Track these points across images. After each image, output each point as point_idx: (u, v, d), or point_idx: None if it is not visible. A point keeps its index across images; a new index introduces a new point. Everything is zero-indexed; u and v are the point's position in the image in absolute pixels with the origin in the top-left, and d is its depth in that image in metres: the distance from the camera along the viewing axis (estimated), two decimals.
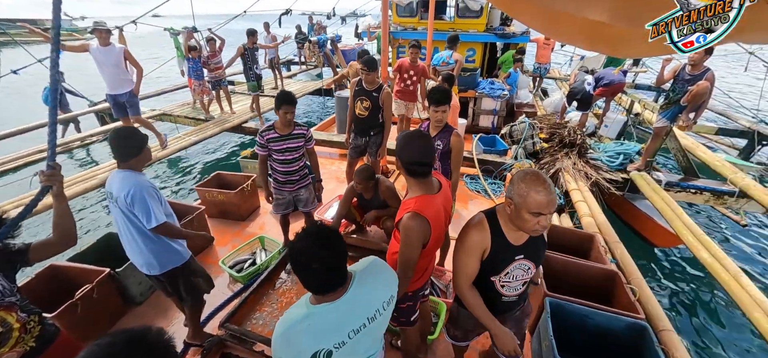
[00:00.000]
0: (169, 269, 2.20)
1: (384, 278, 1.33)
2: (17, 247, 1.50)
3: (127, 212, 1.99)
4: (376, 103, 3.76)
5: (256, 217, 4.21)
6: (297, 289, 2.99)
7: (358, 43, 14.98)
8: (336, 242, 1.15)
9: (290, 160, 2.94)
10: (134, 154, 1.97)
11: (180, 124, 7.22)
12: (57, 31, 1.28)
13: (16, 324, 1.49)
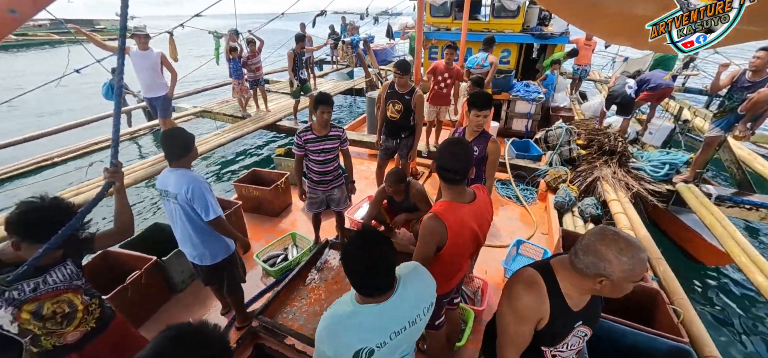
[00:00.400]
0: (219, 260, 2.37)
1: (426, 285, 1.38)
2: (84, 236, 1.66)
3: (186, 207, 2.13)
4: (408, 106, 3.77)
5: (289, 213, 4.35)
6: (325, 287, 3.07)
7: (389, 43, 15.05)
8: (387, 249, 1.21)
9: (326, 160, 3.03)
10: (184, 153, 2.12)
11: (219, 120, 7.59)
12: (122, 40, 1.39)
13: (81, 306, 1.65)
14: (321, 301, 2.92)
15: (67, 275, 1.59)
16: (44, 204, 1.44)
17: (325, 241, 3.40)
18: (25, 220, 1.39)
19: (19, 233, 1.38)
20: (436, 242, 1.59)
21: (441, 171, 1.61)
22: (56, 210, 1.45)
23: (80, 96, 12.66)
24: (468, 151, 1.61)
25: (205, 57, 7.14)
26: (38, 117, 10.59)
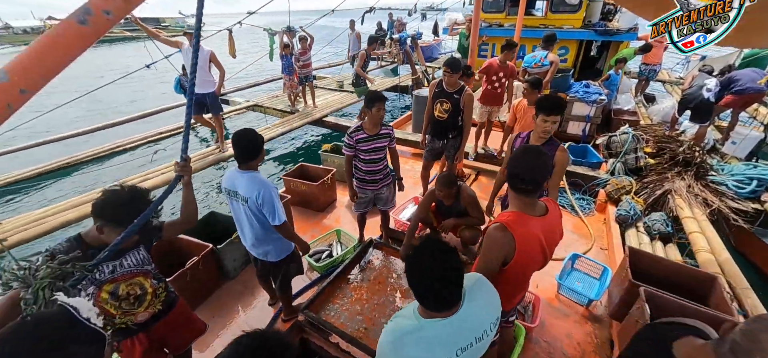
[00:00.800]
0: (282, 258, 2.47)
1: (492, 299, 1.31)
2: (155, 224, 1.77)
3: (255, 211, 2.20)
4: (456, 105, 3.63)
5: (333, 209, 4.40)
6: (367, 286, 3.04)
7: (436, 39, 14.76)
8: (457, 260, 1.15)
9: (376, 159, 3.01)
10: (254, 155, 2.17)
11: (269, 115, 7.90)
12: (197, 40, 1.43)
13: (150, 289, 1.76)
14: (362, 301, 2.90)
15: (140, 260, 1.70)
16: (124, 192, 1.55)
17: (369, 240, 3.37)
18: (107, 205, 1.49)
19: (102, 216, 1.49)
20: (503, 256, 1.48)
21: (514, 180, 1.49)
22: (134, 198, 1.55)
23: (150, 88, 13.87)
24: (546, 162, 1.49)
25: (258, 53, 7.45)
26: (114, 107, 11.74)
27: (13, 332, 0.76)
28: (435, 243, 1.18)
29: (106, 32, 0.95)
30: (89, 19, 0.88)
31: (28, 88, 0.80)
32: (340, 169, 4.56)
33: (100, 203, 1.49)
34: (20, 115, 1.28)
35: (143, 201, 1.56)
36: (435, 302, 1.16)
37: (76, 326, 0.82)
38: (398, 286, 3.01)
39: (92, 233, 1.54)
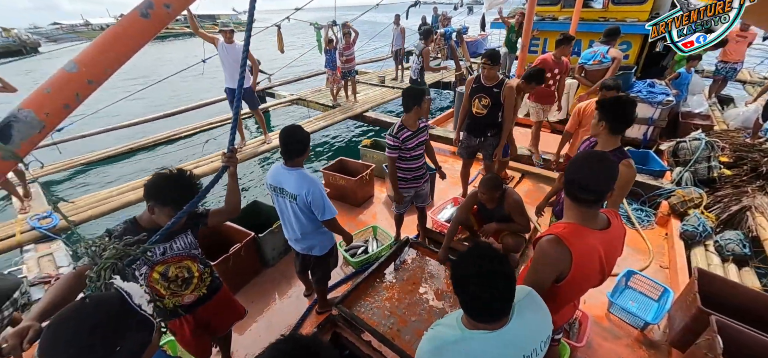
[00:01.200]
0: (325, 253, 2.51)
1: (543, 315, 1.21)
2: (201, 211, 1.85)
3: (303, 208, 2.23)
4: (496, 99, 3.46)
5: (370, 205, 4.40)
6: (401, 286, 2.99)
7: (481, 34, 14.25)
8: (509, 270, 1.07)
9: (419, 155, 2.98)
10: (302, 152, 2.20)
11: (311, 109, 8.09)
12: (248, 34, 1.45)
13: (196, 273, 1.85)
14: (395, 300, 2.87)
15: (187, 244, 1.79)
16: (172, 174, 1.64)
17: (405, 239, 3.33)
18: (155, 186, 1.59)
19: (152, 197, 1.58)
20: (557, 272, 1.35)
21: (573, 188, 1.34)
22: (179, 180, 1.63)
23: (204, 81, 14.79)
24: (611, 169, 1.33)
25: (304, 47, 7.63)
26: (171, 98, 12.68)
27: (74, 311, 0.81)
28: (485, 249, 1.10)
29: (166, 25, 0.97)
30: (151, 12, 0.91)
31: (94, 79, 0.84)
32: (380, 165, 4.54)
33: (150, 184, 1.59)
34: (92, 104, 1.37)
35: (188, 183, 1.63)
36: (482, 312, 1.09)
37: (129, 313, 0.85)
38: (433, 288, 2.93)
39: (145, 216, 1.65)
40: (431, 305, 2.79)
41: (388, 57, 11.37)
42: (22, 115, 0.76)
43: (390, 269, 3.19)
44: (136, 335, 0.84)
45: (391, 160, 2.95)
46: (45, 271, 3.25)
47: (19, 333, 1.12)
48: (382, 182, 4.70)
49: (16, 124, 0.75)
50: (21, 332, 1.12)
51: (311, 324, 2.85)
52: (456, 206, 3.87)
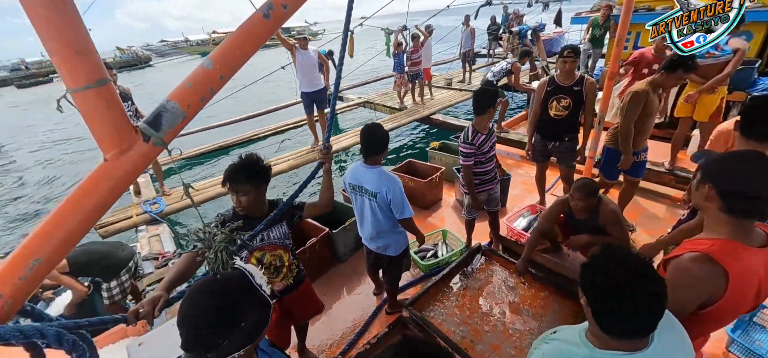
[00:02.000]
0: (399, 253, 2.52)
1: (685, 344, 1.03)
2: (297, 203, 1.94)
3: (383, 206, 2.26)
4: (578, 98, 3.16)
5: (438, 209, 4.32)
6: (474, 295, 2.86)
7: (557, 31, 13.23)
8: (658, 282, 0.92)
9: (492, 157, 2.87)
10: (381, 150, 2.23)
11: (378, 111, 8.25)
12: (345, 37, 1.50)
13: (287, 262, 1.97)
14: (468, 309, 2.75)
15: (282, 234, 1.90)
16: (243, 160, 1.75)
17: (477, 245, 3.18)
18: (232, 171, 1.72)
19: (227, 179, 1.72)
20: (704, 295, 1.14)
21: (734, 198, 1.10)
22: (250, 163, 1.73)
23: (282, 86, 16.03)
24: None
25: (372, 51, 7.83)
26: (256, 101, 13.92)
27: (205, 284, 0.89)
28: (627, 254, 0.95)
29: (282, 24, 1.03)
30: (271, 13, 0.97)
31: (225, 75, 0.92)
32: (449, 168, 4.44)
33: (227, 171, 1.72)
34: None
35: (257, 165, 1.73)
36: (620, 329, 0.93)
37: (252, 291, 0.92)
38: (508, 300, 2.75)
39: (236, 205, 1.79)
40: (507, 319, 2.62)
41: (454, 59, 11.15)
42: (170, 106, 0.86)
43: (461, 276, 3.08)
44: (256, 312, 0.89)
45: (467, 168, 2.84)
46: (155, 249, 3.76)
47: (153, 301, 1.29)
48: (451, 185, 4.58)
49: (165, 114, 0.85)
50: (154, 300, 1.29)
51: (380, 324, 2.87)
52: (533, 214, 3.60)
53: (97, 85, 0.73)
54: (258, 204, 1.79)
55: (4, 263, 0.74)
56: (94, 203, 0.79)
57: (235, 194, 1.72)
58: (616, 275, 0.91)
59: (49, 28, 0.68)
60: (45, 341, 0.76)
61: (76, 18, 0.70)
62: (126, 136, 0.80)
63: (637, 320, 0.90)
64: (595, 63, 7.10)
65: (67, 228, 0.77)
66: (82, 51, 0.71)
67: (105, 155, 0.79)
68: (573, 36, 12.95)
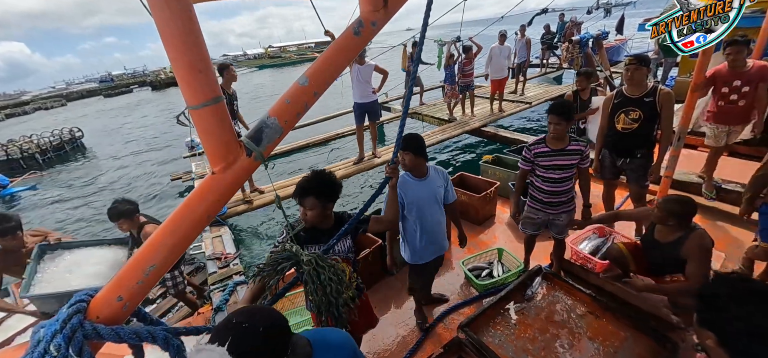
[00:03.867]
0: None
1: None
2: (363, 217, 1.92)
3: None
4: (650, 111, 2.88)
5: (491, 225, 4.14)
6: (534, 320, 2.67)
7: (620, 38, 12.33)
8: None
9: (557, 179, 2.59)
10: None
11: (426, 123, 8.20)
12: (420, 48, 1.49)
13: (349, 275, 1.95)
14: (529, 336, 2.58)
15: (347, 247, 1.93)
16: (313, 176, 1.79)
17: (537, 267, 2.99)
18: (301, 186, 1.77)
19: (297, 194, 1.78)
20: None
21: None
22: (320, 180, 1.78)
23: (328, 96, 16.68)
24: None
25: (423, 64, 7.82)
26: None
27: (251, 313, 0.86)
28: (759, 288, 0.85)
29: (369, 41, 1.03)
30: (361, 30, 0.98)
31: (318, 90, 0.94)
32: (504, 182, 4.26)
33: (299, 183, 1.78)
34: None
35: (327, 181, 1.78)
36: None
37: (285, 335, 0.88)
38: (573, 330, 2.54)
39: (302, 217, 1.84)
40: (573, 350, 2.41)
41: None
42: (270, 122, 0.89)
43: (519, 300, 2.90)
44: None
45: (520, 173, 2.75)
46: (217, 250, 4.00)
47: None
48: (506, 200, 4.38)
49: (266, 129, 0.88)
50: None
51: (432, 345, 2.77)
52: (601, 237, 3.31)
53: (213, 102, 0.77)
54: (324, 218, 1.84)
55: (124, 268, 0.80)
56: (201, 213, 0.83)
57: (303, 207, 1.78)
58: (751, 304, 0.81)
59: (176, 49, 0.73)
60: (154, 343, 0.80)
61: (200, 39, 0.74)
62: (233, 151, 0.84)
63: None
64: (668, 73, 6.48)
65: (179, 236, 0.82)
66: (203, 70, 0.75)
67: (213, 169, 0.83)
68: (638, 44, 12.01)
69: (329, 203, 1.81)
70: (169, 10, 0.70)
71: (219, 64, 4.71)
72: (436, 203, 2.41)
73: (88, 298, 0.76)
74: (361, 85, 5.50)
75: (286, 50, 56.56)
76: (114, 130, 18.93)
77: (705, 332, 0.89)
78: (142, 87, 47.74)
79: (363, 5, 1.00)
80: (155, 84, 42.36)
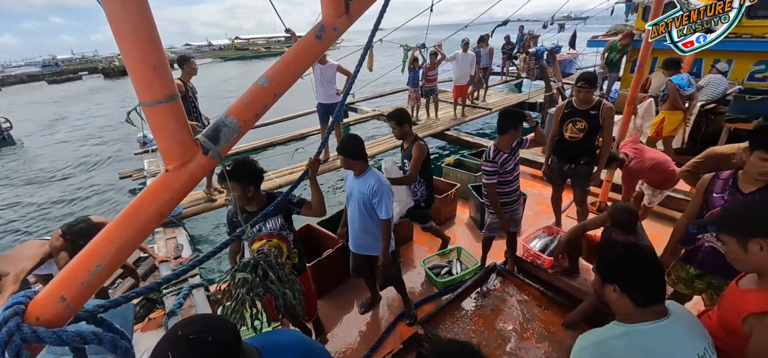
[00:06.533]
0: None
1: (699, 324, 1.21)
2: (297, 199, 2.18)
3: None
4: (594, 123, 3.17)
5: (452, 225, 4.31)
6: (487, 316, 2.82)
7: (572, 52, 13.27)
8: (655, 258, 1.19)
9: (516, 176, 2.88)
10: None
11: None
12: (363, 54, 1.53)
13: (286, 251, 2.16)
14: (482, 331, 2.72)
15: (278, 226, 2.14)
16: (232, 163, 2.00)
17: (492, 265, 3.16)
18: (221, 173, 1.95)
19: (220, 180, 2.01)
20: None
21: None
22: (237, 165, 1.98)
23: (297, 94, 16.30)
24: None
25: (389, 66, 7.93)
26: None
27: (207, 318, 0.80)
28: (631, 244, 1.21)
29: (330, 47, 1.07)
30: (323, 34, 1.00)
31: (278, 92, 0.96)
32: (464, 184, 4.44)
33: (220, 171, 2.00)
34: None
35: (250, 167, 1.99)
36: (648, 291, 1.11)
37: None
38: (524, 324, 2.72)
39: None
40: (523, 342, 2.58)
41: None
42: (228, 121, 0.89)
43: (476, 295, 3.05)
44: None
45: (490, 187, 2.85)
46: (170, 251, 3.80)
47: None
48: (465, 201, 4.57)
49: (223, 128, 0.88)
50: None
51: (393, 341, 2.84)
52: (550, 236, 3.57)
53: (167, 100, 0.77)
54: (250, 200, 2.03)
55: (69, 267, 0.77)
56: (153, 212, 0.82)
57: (234, 190, 1.95)
58: (631, 255, 1.14)
59: (128, 43, 0.72)
60: (100, 345, 0.77)
61: (154, 35, 0.74)
62: (188, 149, 0.83)
63: (655, 284, 1.11)
64: (611, 86, 7.09)
65: (128, 235, 0.80)
66: (158, 67, 0.74)
67: (167, 166, 0.82)
68: (587, 58, 12.98)
69: (249, 187, 2.00)
70: (121, 1, 0.69)
71: (179, 56, 4.48)
72: (357, 204, 2.46)
73: (27, 299, 0.72)
74: (325, 85, 5.46)
75: (254, 42, 54.36)
76: (56, 122, 17.13)
77: (608, 286, 1.15)
78: (92, 74, 42.87)
79: (325, 10, 1.03)
80: (108, 71, 38.16)
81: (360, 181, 2.42)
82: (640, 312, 1.11)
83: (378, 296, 3.18)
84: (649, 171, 3.46)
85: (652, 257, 1.18)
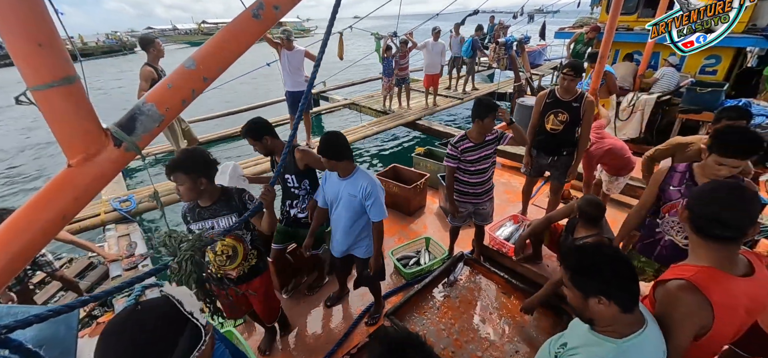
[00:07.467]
0: None
1: (660, 334, 1.18)
2: (254, 206, 1.91)
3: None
4: (575, 115, 3.17)
5: (421, 215, 4.30)
6: (454, 305, 2.84)
7: (541, 44, 13.59)
8: (627, 260, 1.14)
9: (482, 170, 2.80)
10: None
11: (364, 114, 8.19)
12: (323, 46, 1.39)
13: (241, 252, 2.04)
14: (449, 320, 2.73)
15: (229, 226, 1.94)
16: (180, 152, 1.88)
17: (459, 254, 3.18)
18: (167, 165, 1.81)
19: (166, 173, 1.81)
20: (699, 325, 1.14)
21: (708, 223, 1.13)
22: (185, 155, 1.83)
23: (265, 83, 15.70)
24: (751, 202, 1.12)
25: (363, 53, 7.76)
26: (237, 97, 13.55)
27: (120, 324, 0.78)
28: (604, 245, 1.19)
29: (272, 26, 0.97)
30: (262, 13, 0.91)
31: (209, 76, 0.85)
32: (434, 174, 4.44)
33: (170, 160, 1.81)
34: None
35: (190, 158, 1.82)
36: (634, 293, 1.08)
37: (179, 321, 0.81)
38: (488, 312, 2.76)
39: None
40: (488, 330, 2.62)
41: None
42: (146, 109, 0.78)
43: (443, 285, 3.06)
44: (185, 341, 0.80)
45: (449, 171, 2.84)
46: (123, 249, 3.55)
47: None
48: (435, 191, 4.58)
49: (140, 117, 0.78)
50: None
51: (360, 335, 2.80)
52: (516, 224, 3.64)
53: (63, 82, 0.65)
54: (200, 194, 1.87)
55: None
56: (54, 214, 0.71)
57: (176, 185, 1.81)
58: (608, 255, 1.10)
59: (3, 17, 0.60)
60: None
61: (39, 5, 0.62)
62: (95, 141, 0.72)
63: (632, 286, 1.07)
64: None
65: (23, 241, 0.68)
66: (44, 44, 0.63)
67: (69, 161, 0.71)
68: (555, 50, 13.35)
69: (201, 178, 1.83)
70: None
71: (141, 38, 4.15)
72: (343, 206, 2.32)
73: None
74: (293, 73, 5.25)
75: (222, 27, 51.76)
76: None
77: (592, 299, 1.09)
78: None
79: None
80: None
81: (348, 182, 2.25)
82: (624, 318, 1.08)
83: (346, 290, 3.13)
84: (606, 156, 3.58)
85: (623, 254, 1.15)
